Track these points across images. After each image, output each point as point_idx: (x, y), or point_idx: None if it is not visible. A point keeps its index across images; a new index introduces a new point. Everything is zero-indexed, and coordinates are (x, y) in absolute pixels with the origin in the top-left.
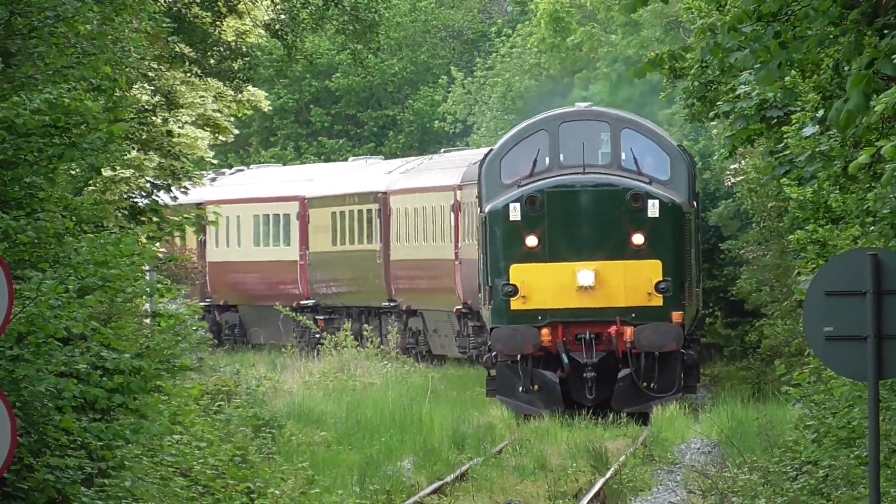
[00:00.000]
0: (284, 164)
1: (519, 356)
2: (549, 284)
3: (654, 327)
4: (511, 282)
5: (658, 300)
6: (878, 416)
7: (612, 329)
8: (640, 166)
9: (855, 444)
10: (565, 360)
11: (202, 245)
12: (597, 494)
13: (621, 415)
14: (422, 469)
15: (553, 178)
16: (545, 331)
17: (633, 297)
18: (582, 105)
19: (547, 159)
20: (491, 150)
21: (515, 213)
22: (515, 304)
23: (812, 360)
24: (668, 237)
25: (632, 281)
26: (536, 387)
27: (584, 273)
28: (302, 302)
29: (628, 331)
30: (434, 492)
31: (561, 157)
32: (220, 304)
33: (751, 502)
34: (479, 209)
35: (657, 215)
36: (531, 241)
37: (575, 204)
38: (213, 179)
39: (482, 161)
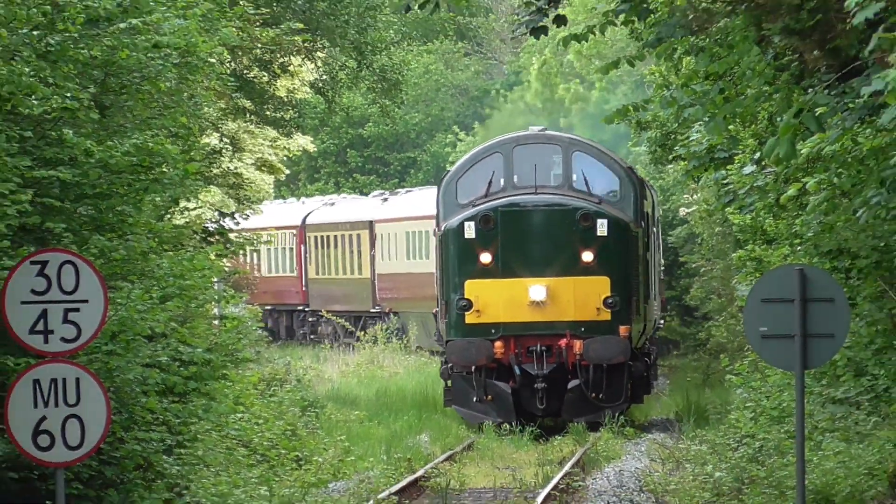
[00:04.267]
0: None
1: (473, 367)
2: (502, 299)
3: (603, 340)
4: (466, 296)
5: (606, 315)
6: (803, 399)
7: (563, 342)
8: (591, 187)
9: (784, 422)
10: (517, 371)
11: (372, 259)
12: (578, 461)
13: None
14: (436, 441)
15: (507, 198)
16: (498, 343)
17: (583, 312)
18: (535, 129)
19: (501, 180)
20: (448, 171)
21: (470, 231)
22: (470, 317)
23: (750, 354)
24: (615, 255)
25: (581, 296)
26: (489, 397)
27: (536, 288)
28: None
29: (578, 344)
30: (446, 459)
31: (515, 178)
32: (386, 311)
33: (700, 468)
34: (435, 228)
35: (605, 234)
36: (485, 257)
37: (527, 223)
38: (385, 200)
39: (440, 181)
